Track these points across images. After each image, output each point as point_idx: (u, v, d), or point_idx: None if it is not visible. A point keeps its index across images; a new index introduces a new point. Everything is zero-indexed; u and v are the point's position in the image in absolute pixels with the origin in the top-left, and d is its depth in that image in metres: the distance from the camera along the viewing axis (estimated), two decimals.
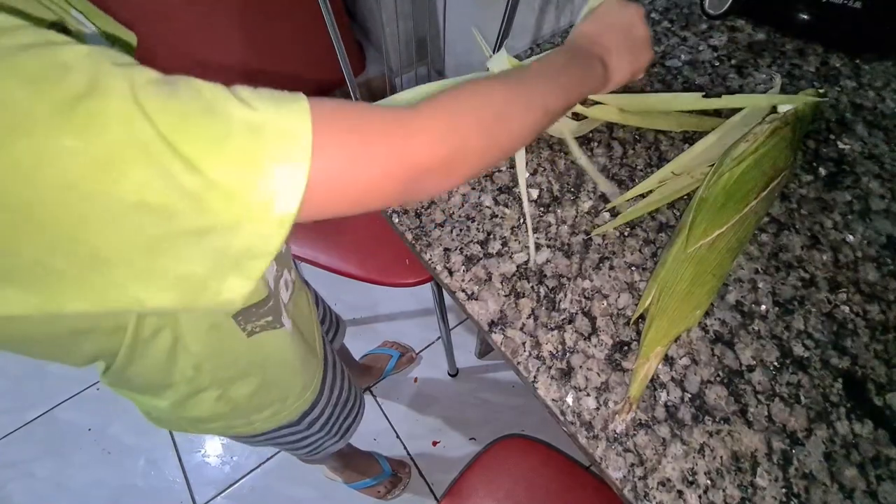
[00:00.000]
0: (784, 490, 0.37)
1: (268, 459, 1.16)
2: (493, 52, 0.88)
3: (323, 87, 1.61)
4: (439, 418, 1.20)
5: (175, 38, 1.24)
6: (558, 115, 0.38)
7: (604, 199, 0.53)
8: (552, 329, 0.45)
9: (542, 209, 0.53)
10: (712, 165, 0.53)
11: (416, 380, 1.26)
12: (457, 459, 1.14)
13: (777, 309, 0.45)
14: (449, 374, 1.26)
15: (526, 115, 0.34)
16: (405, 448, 1.17)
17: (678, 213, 0.52)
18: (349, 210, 0.26)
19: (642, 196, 0.53)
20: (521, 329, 0.46)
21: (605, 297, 0.47)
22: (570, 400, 0.42)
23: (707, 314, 0.45)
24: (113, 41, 0.36)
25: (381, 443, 1.17)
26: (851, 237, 0.49)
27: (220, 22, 1.28)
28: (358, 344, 1.27)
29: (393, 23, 1.25)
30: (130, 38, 0.41)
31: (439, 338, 1.31)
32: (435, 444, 1.17)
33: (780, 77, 0.60)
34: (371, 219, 0.94)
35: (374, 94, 1.59)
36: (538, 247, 0.50)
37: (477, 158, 0.31)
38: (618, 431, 0.40)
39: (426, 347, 1.31)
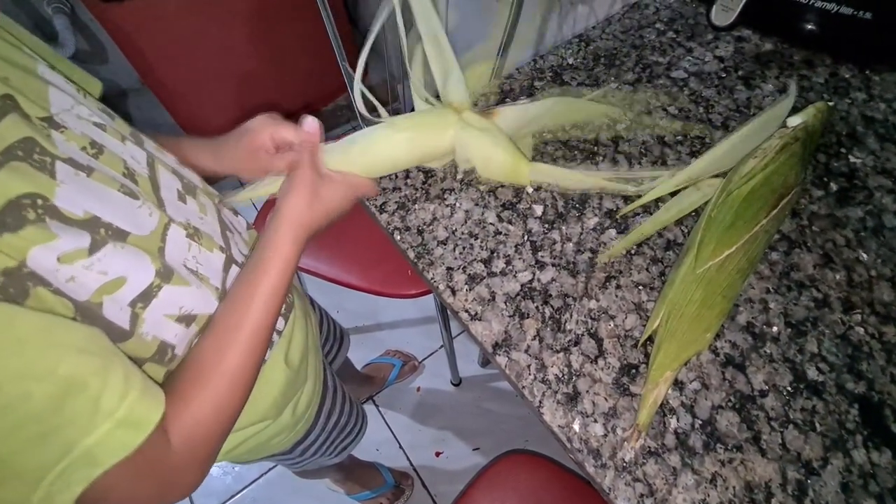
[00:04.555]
0: None
1: (269, 470, 1.15)
2: (496, 62, 0.87)
3: (325, 93, 1.61)
4: (442, 428, 1.19)
5: (175, 46, 1.24)
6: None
7: (609, 215, 0.52)
8: (558, 351, 0.44)
9: (546, 226, 0.52)
10: (719, 176, 0.52)
11: (418, 389, 1.25)
12: (460, 471, 1.12)
13: (789, 331, 0.44)
14: (452, 383, 1.25)
15: (255, 371, 0.37)
16: (408, 459, 1.16)
17: (686, 231, 0.50)
18: None
19: (649, 213, 0.52)
20: (526, 351, 0.45)
21: (612, 317, 0.46)
22: (576, 426, 0.41)
23: (717, 336, 0.44)
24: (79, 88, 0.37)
25: (384, 453, 1.16)
26: (865, 255, 0.48)
27: (221, 29, 1.28)
28: (360, 353, 1.26)
29: (394, 30, 1.24)
30: (96, 86, 0.42)
31: (442, 346, 1.30)
32: (438, 454, 1.16)
33: (795, 84, 0.58)
34: (373, 230, 0.94)
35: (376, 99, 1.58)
36: (542, 266, 0.49)
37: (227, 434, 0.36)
38: (626, 460, 0.39)
39: (429, 356, 1.30)
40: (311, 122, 0.43)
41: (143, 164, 0.37)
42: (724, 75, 0.63)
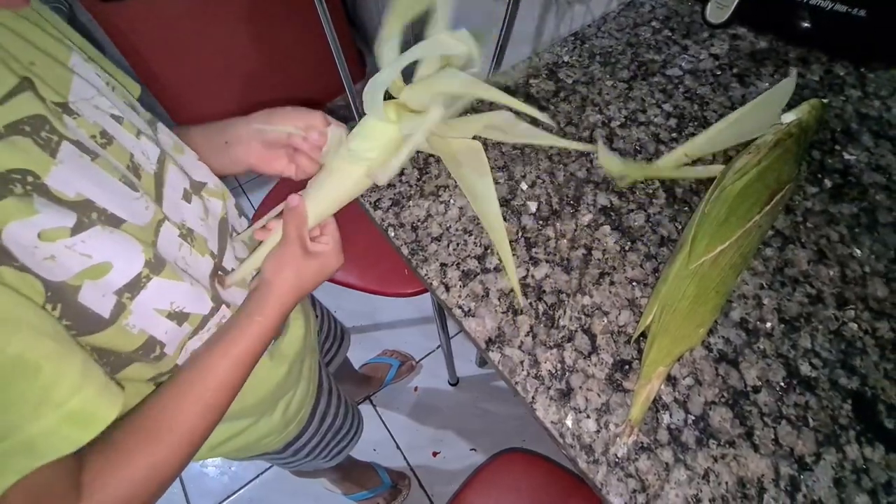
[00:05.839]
0: None
1: (266, 470, 1.15)
2: (493, 60, 0.87)
3: (323, 93, 1.61)
4: (440, 428, 1.19)
5: (173, 47, 1.24)
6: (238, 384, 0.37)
7: (604, 212, 0.52)
8: (551, 347, 0.44)
9: (540, 223, 0.52)
10: (719, 162, 0.52)
11: (416, 389, 1.25)
12: (457, 471, 1.12)
13: (783, 326, 0.44)
14: (449, 383, 1.25)
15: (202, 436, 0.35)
16: (405, 459, 1.15)
17: (680, 227, 0.50)
18: None
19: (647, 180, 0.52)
20: (520, 347, 0.45)
21: (606, 314, 0.46)
22: (569, 422, 0.41)
23: (710, 332, 0.44)
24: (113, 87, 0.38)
25: (381, 453, 1.15)
26: (859, 251, 0.48)
27: (219, 30, 1.28)
28: (358, 353, 1.26)
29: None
30: (134, 88, 0.42)
31: (439, 346, 1.29)
32: (435, 454, 1.15)
33: (795, 70, 0.58)
34: (370, 229, 0.94)
35: None
36: (536, 262, 0.49)
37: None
38: (619, 455, 0.39)
39: (426, 356, 1.30)
40: (294, 197, 0.41)
41: (152, 161, 0.37)
42: (719, 73, 0.64)
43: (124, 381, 0.32)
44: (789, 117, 0.51)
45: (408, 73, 0.40)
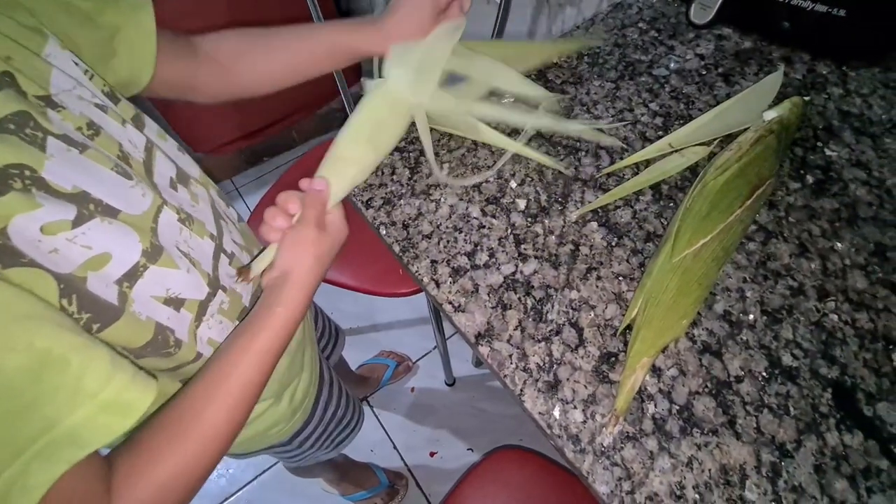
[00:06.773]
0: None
1: (264, 472, 1.15)
2: None
3: (318, 97, 1.62)
4: (437, 429, 1.19)
5: None
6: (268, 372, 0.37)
7: (592, 210, 0.53)
8: (539, 341, 0.45)
9: (529, 219, 0.53)
10: (704, 144, 0.54)
11: (412, 389, 1.26)
12: (454, 470, 1.13)
13: (765, 318, 0.45)
14: (446, 383, 1.26)
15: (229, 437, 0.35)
16: (402, 459, 1.16)
17: (666, 223, 0.51)
18: None
19: (635, 171, 0.54)
20: (508, 341, 0.45)
21: (593, 307, 0.47)
22: (556, 413, 0.41)
23: (695, 324, 0.45)
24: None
25: (378, 454, 1.16)
26: (839, 245, 0.49)
27: (214, 32, 1.29)
28: (354, 354, 1.27)
29: None
30: (149, 30, 0.41)
31: (436, 347, 1.30)
32: (432, 454, 1.16)
33: (783, 65, 0.60)
34: (365, 229, 0.95)
35: None
36: (525, 258, 0.50)
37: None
38: (605, 445, 0.40)
39: (423, 357, 1.31)
40: (319, 182, 0.42)
41: (140, 149, 0.37)
42: (704, 72, 0.65)
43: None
44: (771, 115, 0.52)
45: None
